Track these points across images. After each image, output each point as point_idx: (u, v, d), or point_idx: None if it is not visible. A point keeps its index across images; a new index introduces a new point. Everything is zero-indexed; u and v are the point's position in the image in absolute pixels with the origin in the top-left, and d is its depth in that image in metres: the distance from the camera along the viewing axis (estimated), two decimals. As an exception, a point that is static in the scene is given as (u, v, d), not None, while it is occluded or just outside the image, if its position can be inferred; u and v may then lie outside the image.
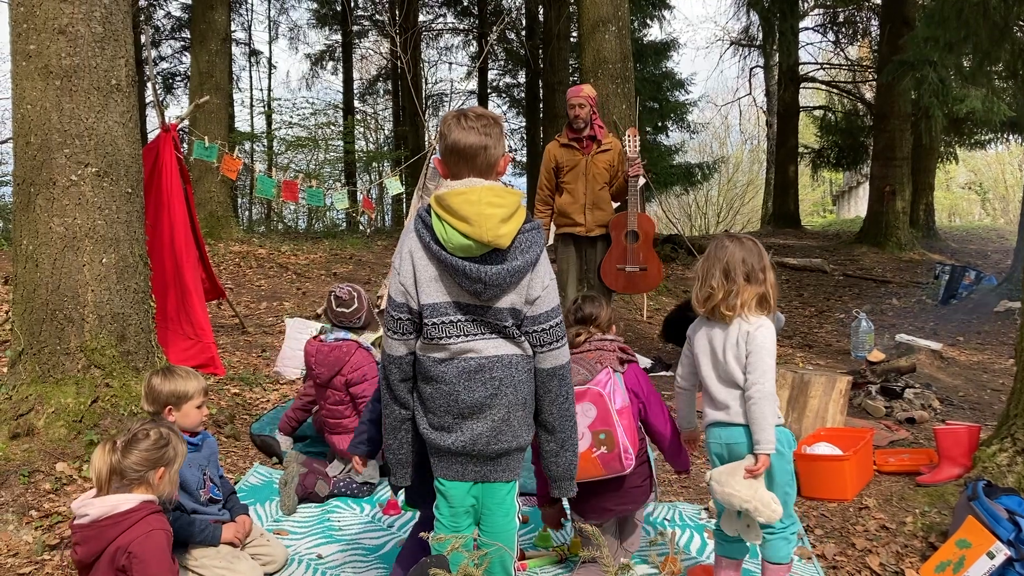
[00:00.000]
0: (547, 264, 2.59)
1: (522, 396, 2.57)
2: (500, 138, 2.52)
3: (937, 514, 4.10)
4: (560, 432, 2.67)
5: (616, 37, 9.10)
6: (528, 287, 2.52)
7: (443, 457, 2.61)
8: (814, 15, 19.62)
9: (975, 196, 33.39)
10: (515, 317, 2.53)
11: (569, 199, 6.22)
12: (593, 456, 3.07)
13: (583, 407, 3.05)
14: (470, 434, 2.53)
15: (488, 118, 2.52)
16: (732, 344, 2.97)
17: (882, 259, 13.78)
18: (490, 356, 2.52)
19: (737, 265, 3.00)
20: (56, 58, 4.31)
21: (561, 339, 2.60)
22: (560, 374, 2.62)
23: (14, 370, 4.48)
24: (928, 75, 10.64)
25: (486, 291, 2.46)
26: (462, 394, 2.52)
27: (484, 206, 2.39)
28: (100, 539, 2.72)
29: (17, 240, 4.48)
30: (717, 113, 29.71)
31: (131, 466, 2.76)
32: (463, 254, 2.44)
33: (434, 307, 2.50)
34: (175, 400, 3.33)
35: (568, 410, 2.67)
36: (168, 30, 20.25)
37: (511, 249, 2.47)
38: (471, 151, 2.46)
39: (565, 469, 2.72)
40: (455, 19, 22.76)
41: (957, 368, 6.98)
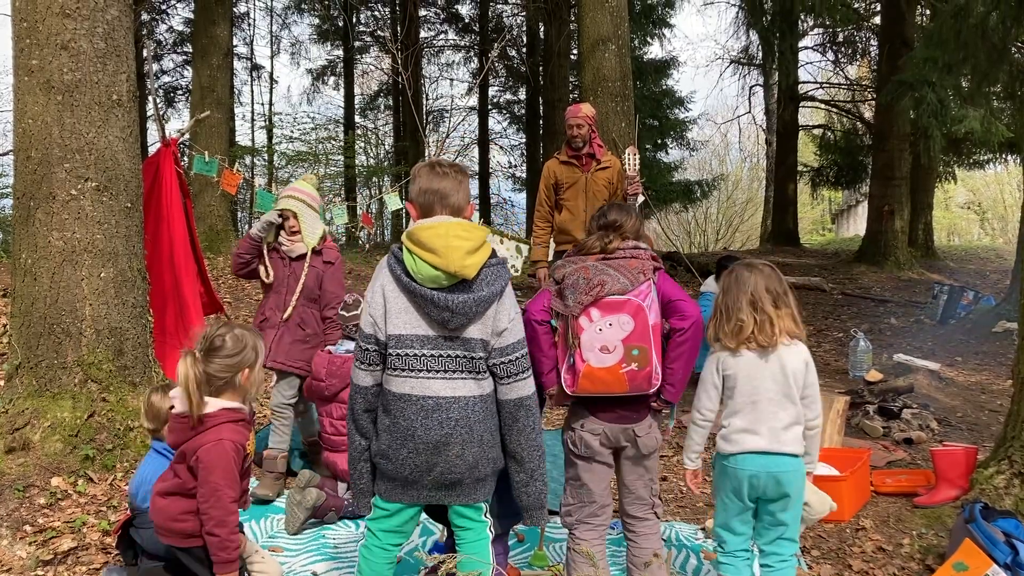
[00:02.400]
0: (513, 298, 2.73)
1: (478, 435, 2.67)
2: (468, 188, 2.73)
3: (934, 536, 4.09)
4: (528, 462, 2.76)
5: (616, 55, 9.13)
6: (495, 318, 2.65)
7: (391, 483, 2.73)
8: (814, 34, 19.72)
9: (974, 216, 33.47)
10: (484, 349, 2.65)
11: (569, 216, 6.22)
12: (621, 372, 2.90)
13: (619, 319, 2.91)
14: (424, 466, 2.65)
15: (458, 168, 2.74)
16: (793, 372, 3.01)
17: (881, 278, 13.78)
18: (447, 397, 2.63)
19: (763, 294, 3.03)
20: (58, 73, 4.33)
21: (526, 371, 2.73)
22: (526, 405, 2.72)
23: (11, 384, 4.47)
24: (927, 95, 10.71)
25: (453, 319, 2.59)
26: (419, 431, 2.63)
27: (451, 238, 2.55)
28: (181, 434, 2.81)
29: (16, 253, 4.48)
30: (717, 131, 29.87)
31: (216, 374, 2.80)
32: (432, 284, 2.58)
33: (400, 338, 2.63)
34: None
35: (535, 440, 2.75)
36: (170, 44, 20.33)
37: (477, 280, 2.61)
38: (444, 192, 2.65)
39: (535, 499, 2.81)
40: (456, 36, 22.88)
41: (955, 388, 6.97)
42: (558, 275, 3.08)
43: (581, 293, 2.95)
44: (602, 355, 2.91)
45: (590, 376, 2.92)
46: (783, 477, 3.02)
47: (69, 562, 3.65)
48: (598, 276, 2.97)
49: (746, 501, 3.11)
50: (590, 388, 2.95)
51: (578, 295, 2.95)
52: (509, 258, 8.95)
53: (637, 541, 3.18)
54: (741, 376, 3.04)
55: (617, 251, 3.09)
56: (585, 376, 2.92)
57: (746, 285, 3.05)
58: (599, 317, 2.92)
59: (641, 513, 3.18)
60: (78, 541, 3.78)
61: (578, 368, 2.93)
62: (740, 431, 3.06)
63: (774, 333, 3.00)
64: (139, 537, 3.27)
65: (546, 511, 2.87)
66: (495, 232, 9.00)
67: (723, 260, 5.46)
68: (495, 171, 24.74)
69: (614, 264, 3.03)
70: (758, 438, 3.04)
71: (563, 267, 3.10)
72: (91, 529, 3.88)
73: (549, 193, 6.32)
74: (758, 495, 3.08)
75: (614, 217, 3.15)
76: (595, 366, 2.91)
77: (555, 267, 3.15)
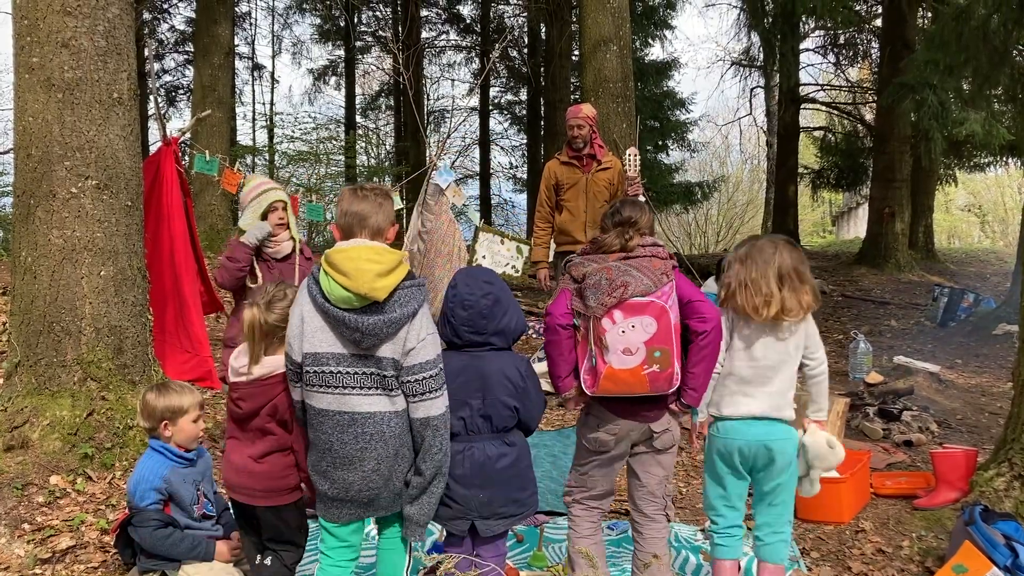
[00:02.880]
0: (426, 318, 2.76)
1: (392, 449, 2.76)
2: (390, 210, 2.82)
3: (934, 538, 4.08)
4: (426, 480, 2.80)
5: (617, 57, 9.13)
6: (405, 339, 2.70)
7: (323, 500, 2.87)
8: (815, 36, 19.69)
9: (974, 218, 33.46)
10: (395, 368, 2.72)
11: (569, 217, 6.22)
12: (643, 373, 2.89)
13: (643, 321, 2.89)
14: (342, 483, 2.78)
15: (380, 190, 2.83)
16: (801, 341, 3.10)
17: (881, 280, 13.78)
18: (362, 412, 2.72)
19: (790, 270, 3.07)
20: (59, 71, 4.33)
21: (435, 391, 2.76)
22: (433, 424, 2.76)
23: (10, 382, 4.47)
24: (928, 98, 10.70)
25: (364, 340, 2.67)
26: (335, 445, 2.75)
27: (362, 262, 2.63)
28: (264, 395, 2.97)
29: (16, 251, 4.48)
30: (717, 132, 29.88)
31: (276, 323, 2.95)
32: (344, 305, 2.66)
33: (316, 356, 2.73)
34: (170, 415, 3.32)
35: (439, 461, 2.80)
36: (171, 43, 20.35)
37: (389, 302, 2.67)
38: (363, 215, 2.75)
39: (420, 513, 2.85)
40: (457, 36, 22.88)
41: (955, 391, 6.97)
42: (577, 274, 3.04)
43: (604, 294, 2.91)
44: (624, 357, 2.88)
45: (612, 377, 2.90)
46: (775, 444, 3.07)
47: (67, 560, 3.64)
48: (621, 277, 2.94)
49: (738, 469, 3.15)
50: (611, 389, 2.93)
51: (601, 296, 2.91)
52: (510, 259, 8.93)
53: (643, 545, 3.17)
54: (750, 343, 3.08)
55: (637, 248, 3.05)
56: (607, 377, 2.90)
57: (772, 260, 3.07)
58: (622, 319, 2.90)
59: (651, 511, 3.16)
60: (76, 539, 3.77)
61: (600, 369, 2.91)
62: (735, 394, 3.12)
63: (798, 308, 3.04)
64: (137, 536, 3.27)
65: (423, 529, 2.89)
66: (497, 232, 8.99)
67: (723, 261, 5.46)
68: (496, 172, 24.76)
69: (636, 264, 2.99)
70: (753, 402, 3.10)
71: (582, 266, 3.05)
72: (89, 528, 3.88)
73: (550, 194, 6.32)
74: (750, 465, 3.12)
75: (629, 214, 3.13)
76: (617, 367, 2.89)
77: (572, 264, 3.10)
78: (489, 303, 2.94)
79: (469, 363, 2.94)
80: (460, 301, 2.95)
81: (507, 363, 2.98)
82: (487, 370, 2.94)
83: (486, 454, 2.94)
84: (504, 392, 2.95)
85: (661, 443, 3.10)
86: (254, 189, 4.53)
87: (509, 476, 2.98)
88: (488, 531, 2.97)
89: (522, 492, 3.02)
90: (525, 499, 3.04)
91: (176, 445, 3.34)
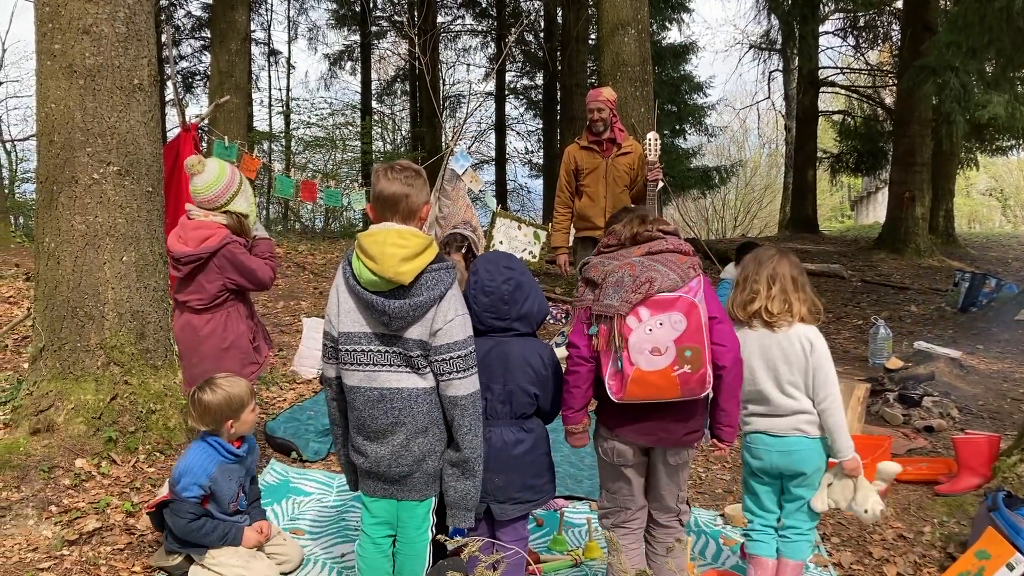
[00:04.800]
0: (454, 300, 2.78)
1: (422, 425, 2.80)
2: (422, 188, 2.81)
3: (956, 524, 4.06)
4: (463, 461, 2.83)
5: (636, 40, 9.06)
6: (432, 320, 2.74)
7: (361, 475, 2.97)
8: (834, 19, 19.50)
9: (996, 203, 33.11)
10: (422, 348, 2.75)
11: (589, 202, 6.18)
12: (673, 375, 2.69)
13: (670, 317, 2.70)
14: (374, 456, 2.84)
15: (411, 170, 2.81)
16: (796, 353, 3.06)
17: (901, 265, 13.67)
18: (392, 388, 2.77)
19: (784, 273, 3.10)
20: (80, 57, 4.34)
21: (462, 371, 2.76)
22: (461, 404, 2.77)
23: (35, 366, 4.51)
24: (950, 80, 10.56)
25: (392, 322, 2.72)
26: (367, 420, 2.82)
27: (388, 246, 2.67)
28: None
29: (40, 237, 4.51)
30: (735, 117, 29.66)
31: None
32: (372, 288, 2.72)
33: (349, 335, 2.80)
34: (233, 412, 3.32)
35: (472, 442, 2.80)
36: (188, 29, 20.37)
37: (416, 285, 2.70)
38: (394, 199, 2.75)
39: (461, 497, 2.86)
40: (473, 21, 22.77)
41: (976, 377, 6.92)
42: (597, 275, 2.89)
43: (628, 291, 2.75)
44: (653, 357, 2.69)
45: (640, 381, 2.71)
46: (794, 456, 3.13)
47: (94, 542, 3.69)
48: (646, 272, 2.77)
49: (765, 478, 3.23)
50: (639, 394, 2.73)
51: (625, 293, 2.75)
52: (527, 244, 8.93)
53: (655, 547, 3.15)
54: (748, 356, 3.08)
55: (657, 240, 2.92)
56: (634, 381, 2.71)
57: (768, 263, 3.15)
58: (648, 316, 2.71)
59: (664, 520, 3.13)
60: (102, 522, 3.82)
61: (626, 372, 2.71)
62: (751, 414, 3.18)
63: (786, 311, 3.06)
64: (171, 522, 3.31)
65: (471, 514, 2.88)
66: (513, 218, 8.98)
67: (742, 247, 5.44)
68: (512, 157, 24.68)
69: (660, 259, 2.84)
70: (764, 420, 3.16)
71: (601, 265, 2.91)
72: (115, 510, 3.92)
73: (569, 179, 6.29)
74: (777, 474, 3.20)
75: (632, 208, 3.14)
76: (645, 369, 2.69)
77: (590, 266, 2.97)
78: (510, 288, 2.93)
79: (492, 348, 2.94)
80: (481, 287, 2.94)
81: (530, 349, 2.98)
82: (510, 356, 2.93)
83: (504, 439, 2.94)
84: (525, 379, 2.94)
85: (675, 459, 2.99)
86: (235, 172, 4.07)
87: (526, 462, 2.98)
88: (503, 515, 2.99)
89: (538, 479, 3.03)
90: (541, 486, 3.04)
91: (230, 440, 3.37)
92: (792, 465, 3.12)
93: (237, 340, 3.96)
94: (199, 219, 3.88)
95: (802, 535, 3.21)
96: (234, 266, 3.86)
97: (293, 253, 11.59)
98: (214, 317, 3.91)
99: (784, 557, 3.23)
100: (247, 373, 3.93)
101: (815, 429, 3.10)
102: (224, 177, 3.90)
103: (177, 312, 4.02)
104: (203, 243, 3.81)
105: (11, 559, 3.50)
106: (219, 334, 3.91)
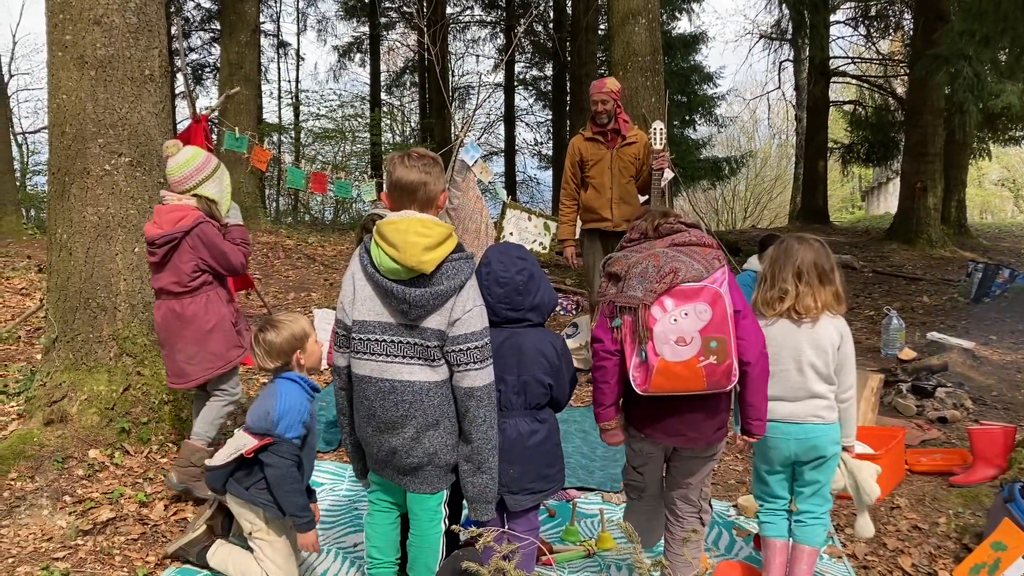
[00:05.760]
0: (473, 290, 2.78)
1: (432, 418, 2.78)
2: (439, 176, 2.81)
3: (971, 515, 4.04)
4: (477, 454, 2.81)
5: (646, 29, 9.01)
6: (451, 310, 2.73)
7: (371, 460, 2.99)
8: (845, 8, 19.37)
9: (1008, 193, 32.87)
10: (440, 339, 2.74)
11: (595, 194, 6.14)
12: (699, 366, 2.66)
13: (695, 307, 2.68)
14: (387, 447, 2.83)
15: (428, 158, 2.80)
16: (826, 345, 3.06)
17: (912, 256, 13.60)
18: (403, 381, 2.76)
19: (810, 267, 3.07)
20: (91, 48, 4.34)
21: (479, 362, 2.75)
22: (477, 395, 2.76)
23: (48, 357, 4.53)
24: (963, 69, 10.49)
25: (411, 311, 2.71)
26: (377, 411, 2.80)
27: (410, 235, 2.66)
28: None
29: (52, 228, 4.52)
30: (745, 107, 29.51)
31: None
32: (392, 276, 2.71)
33: (363, 324, 2.79)
34: (299, 343, 3.24)
35: (486, 433, 2.80)
36: (198, 21, 20.39)
37: (437, 274, 2.70)
38: (412, 187, 2.75)
39: (480, 491, 2.85)
40: (482, 11, 22.73)
41: (990, 367, 6.87)
42: (619, 268, 2.87)
43: (652, 281, 2.73)
44: (678, 348, 2.66)
45: (665, 372, 2.67)
46: (816, 442, 3.12)
47: (108, 532, 3.70)
48: (670, 263, 2.75)
49: (779, 466, 3.22)
50: (664, 385, 2.70)
51: (649, 283, 2.73)
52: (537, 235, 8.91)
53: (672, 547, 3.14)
54: (772, 343, 3.06)
55: (680, 233, 2.92)
56: (659, 372, 2.67)
57: (795, 257, 3.11)
58: (673, 307, 2.69)
59: (685, 512, 3.12)
60: (116, 512, 3.83)
61: (651, 363, 2.68)
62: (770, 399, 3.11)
63: (813, 306, 3.05)
64: (272, 465, 3.09)
65: (491, 507, 2.88)
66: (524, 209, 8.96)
67: (766, 239, 5.41)
68: (521, 148, 24.65)
69: (685, 250, 2.83)
70: (787, 406, 3.13)
71: (625, 259, 2.90)
72: (128, 500, 3.94)
73: (575, 171, 6.25)
74: (793, 460, 3.19)
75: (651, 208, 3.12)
76: (670, 360, 2.66)
77: (612, 260, 2.95)
78: (524, 279, 2.93)
79: (506, 339, 2.93)
80: (495, 278, 2.92)
81: (543, 340, 2.97)
82: (524, 346, 2.93)
83: (519, 430, 2.94)
84: (540, 369, 2.94)
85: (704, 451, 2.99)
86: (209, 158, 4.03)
87: (540, 452, 2.98)
88: (516, 505, 2.99)
89: (550, 468, 3.03)
90: (553, 475, 3.05)
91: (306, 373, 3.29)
92: (811, 451, 3.12)
93: (220, 322, 3.96)
94: (171, 203, 3.93)
95: (817, 519, 3.20)
96: (207, 246, 3.87)
97: (304, 245, 11.60)
98: (195, 300, 3.92)
99: (799, 542, 3.22)
100: (232, 356, 3.97)
101: (831, 414, 3.12)
102: (195, 161, 3.94)
103: (157, 303, 4.01)
104: (177, 224, 3.85)
105: (26, 549, 3.51)
106: (202, 316, 3.92)
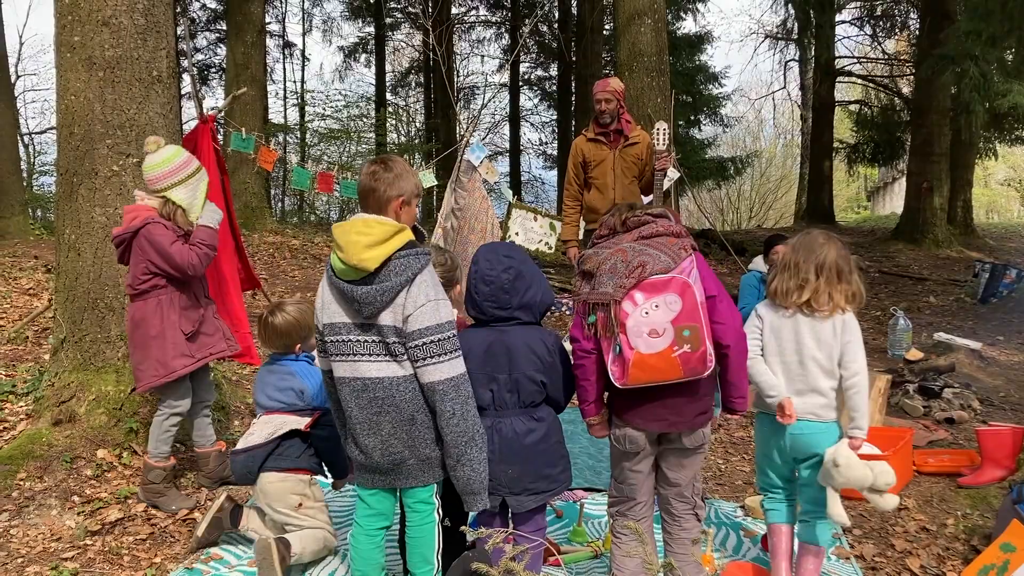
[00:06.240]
0: (425, 286, 2.78)
1: (407, 414, 2.83)
2: (392, 183, 2.83)
3: (980, 517, 4.03)
4: (453, 447, 2.82)
5: (652, 29, 9.01)
6: (404, 305, 2.77)
7: (356, 468, 3.03)
8: (851, 8, 19.35)
9: (1014, 193, 32.75)
10: (397, 335, 2.78)
11: (598, 195, 6.12)
12: (674, 356, 2.67)
13: (665, 299, 2.70)
14: (366, 448, 2.89)
15: (383, 164, 2.87)
16: (828, 337, 3.05)
17: (919, 256, 13.58)
18: (372, 378, 2.82)
19: (832, 264, 3.08)
20: (99, 49, 4.35)
21: (437, 356, 2.76)
22: (439, 390, 2.77)
23: (56, 358, 4.54)
24: (969, 69, 10.45)
25: (363, 309, 2.77)
26: (354, 411, 2.87)
27: (351, 234, 2.74)
28: None
29: (60, 229, 4.54)
30: (751, 107, 29.48)
31: None
32: (344, 277, 2.79)
33: (332, 326, 2.88)
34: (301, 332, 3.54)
35: (458, 427, 2.79)
36: (204, 22, 20.40)
37: (383, 271, 2.75)
38: (363, 193, 2.87)
39: (464, 484, 2.86)
40: (488, 12, 22.73)
41: (997, 368, 6.86)
42: (589, 266, 2.89)
43: (621, 276, 2.75)
44: (651, 340, 2.69)
45: (641, 364, 2.69)
46: (809, 439, 3.12)
47: (116, 532, 3.72)
48: (637, 257, 2.78)
49: (779, 459, 3.24)
50: (642, 377, 2.71)
51: (619, 279, 2.75)
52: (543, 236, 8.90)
53: (672, 546, 3.09)
54: (779, 333, 3.09)
55: (647, 225, 2.92)
56: (635, 365, 2.69)
57: (820, 251, 3.10)
58: (643, 300, 2.72)
59: (680, 511, 3.07)
60: (124, 512, 3.84)
61: (627, 357, 2.70)
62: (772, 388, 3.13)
63: (828, 303, 3.06)
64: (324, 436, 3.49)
65: (480, 497, 2.85)
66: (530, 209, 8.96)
67: (771, 239, 5.41)
68: (526, 148, 24.63)
69: (653, 243, 2.85)
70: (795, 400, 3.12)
71: (595, 256, 2.91)
72: (136, 501, 3.94)
73: (577, 171, 6.24)
74: (791, 456, 3.20)
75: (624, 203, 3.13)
76: (645, 352, 2.69)
77: (584, 258, 2.96)
78: (510, 277, 2.92)
79: (495, 338, 2.94)
80: (481, 277, 2.94)
81: (533, 337, 2.96)
82: (513, 344, 2.92)
83: (514, 430, 2.93)
84: (531, 367, 2.93)
85: (691, 441, 2.95)
86: (187, 162, 3.97)
87: (538, 451, 2.96)
88: (519, 507, 2.96)
89: (552, 468, 3.00)
90: (556, 475, 3.01)
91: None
92: (805, 448, 3.12)
93: (166, 330, 3.87)
94: (136, 203, 3.95)
95: (820, 518, 3.19)
96: (152, 246, 3.80)
97: (309, 245, 11.61)
98: (145, 303, 3.88)
99: (804, 542, 3.22)
100: (177, 366, 3.88)
101: (829, 413, 3.10)
102: (171, 163, 3.90)
103: None
104: (130, 224, 3.86)
105: (35, 549, 3.52)
106: (148, 321, 3.85)
